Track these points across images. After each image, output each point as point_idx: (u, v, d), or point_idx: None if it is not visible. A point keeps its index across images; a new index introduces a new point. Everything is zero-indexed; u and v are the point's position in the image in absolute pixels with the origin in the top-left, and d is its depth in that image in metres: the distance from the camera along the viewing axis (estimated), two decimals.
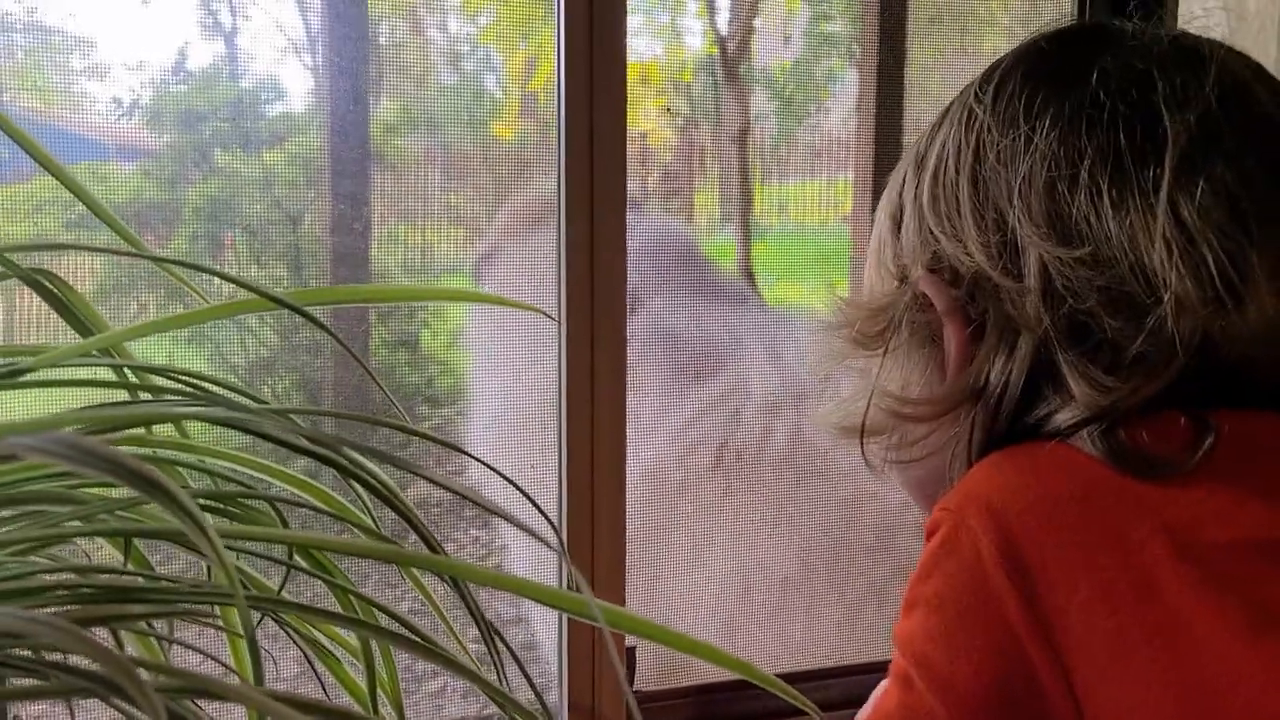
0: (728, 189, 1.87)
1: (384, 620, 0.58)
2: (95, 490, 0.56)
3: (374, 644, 0.67)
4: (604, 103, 0.78)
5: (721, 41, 1.78)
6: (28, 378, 0.53)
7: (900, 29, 1.64)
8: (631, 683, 0.90)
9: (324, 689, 0.65)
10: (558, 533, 0.71)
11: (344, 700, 0.65)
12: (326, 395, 1.52)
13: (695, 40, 1.94)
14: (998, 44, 1.82)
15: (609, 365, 0.81)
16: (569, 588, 0.88)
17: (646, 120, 1.82)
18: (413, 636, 0.51)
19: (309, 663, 0.64)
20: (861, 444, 0.77)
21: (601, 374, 0.81)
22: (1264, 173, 0.64)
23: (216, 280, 1.68)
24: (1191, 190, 0.63)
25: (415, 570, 0.72)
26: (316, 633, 0.65)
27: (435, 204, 1.88)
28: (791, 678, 1.07)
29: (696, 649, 0.51)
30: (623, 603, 0.90)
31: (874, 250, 0.79)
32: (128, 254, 0.69)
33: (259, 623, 0.58)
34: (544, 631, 1.03)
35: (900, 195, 0.76)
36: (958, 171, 0.71)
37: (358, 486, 0.55)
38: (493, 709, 1.00)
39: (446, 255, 1.86)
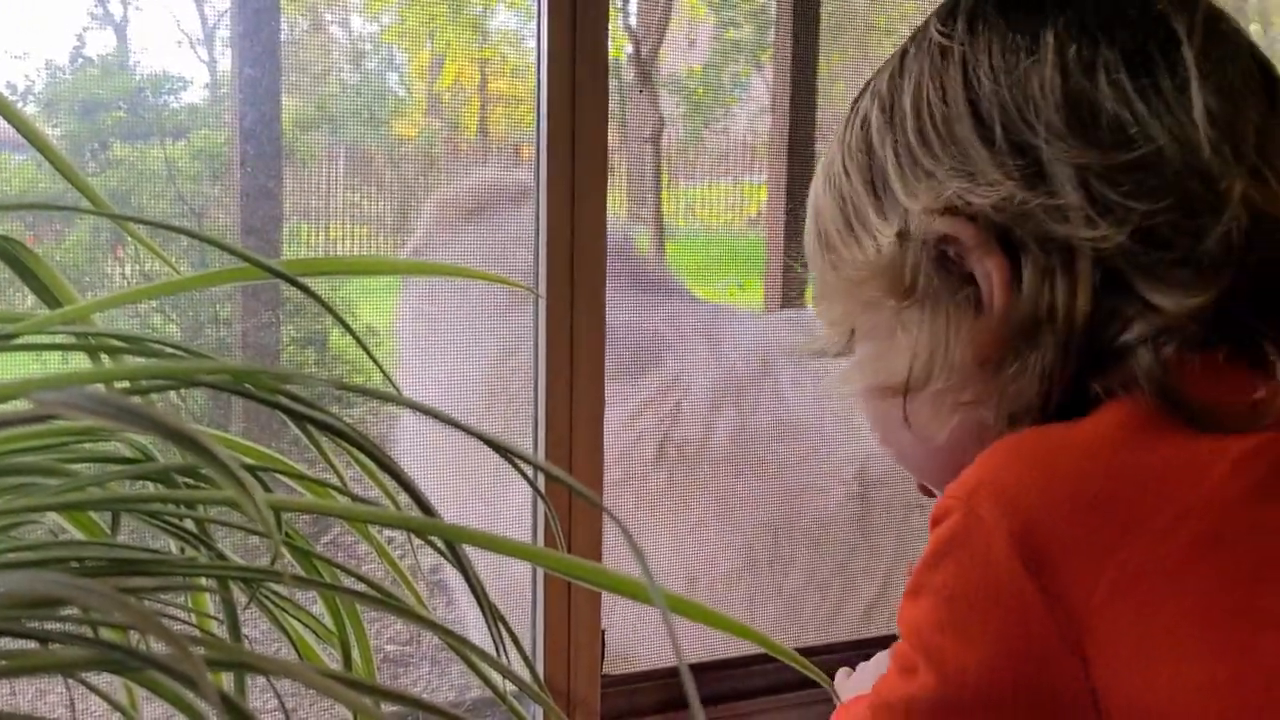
0: (637, 190, 1.88)
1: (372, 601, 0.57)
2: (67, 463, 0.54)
3: (350, 630, 0.66)
4: (586, 74, 0.78)
5: (635, 43, 1.79)
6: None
7: (812, 35, 1.68)
8: (601, 665, 0.90)
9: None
10: (549, 508, 0.71)
11: None
12: (237, 403, 1.48)
13: None
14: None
15: (587, 341, 0.80)
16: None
17: None
18: (437, 621, 0.50)
19: (293, 643, 0.62)
20: (905, 402, 0.70)
21: (580, 350, 0.80)
22: (1250, 75, 0.65)
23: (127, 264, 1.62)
24: (1216, 81, 0.62)
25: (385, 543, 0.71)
26: (291, 619, 0.64)
27: (340, 202, 1.84)
28: (728, 663, 1.08)
29: (747, 634, 0.52)
30: (600, 592, 0.90)
31: (841, 221, 0.74)
32: (98, 213, 0.67)
33: (249, 604, 0.57)
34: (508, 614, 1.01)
35: (870, 154, 0.71)
36: (948, 105, 0.67)
37: (354, 452, 0.54)
38: (468, 695, 0.99)
39: (355, 253, 1.83)
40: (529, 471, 0.59)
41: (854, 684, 0.89)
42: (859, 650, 1.05)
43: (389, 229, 1.91)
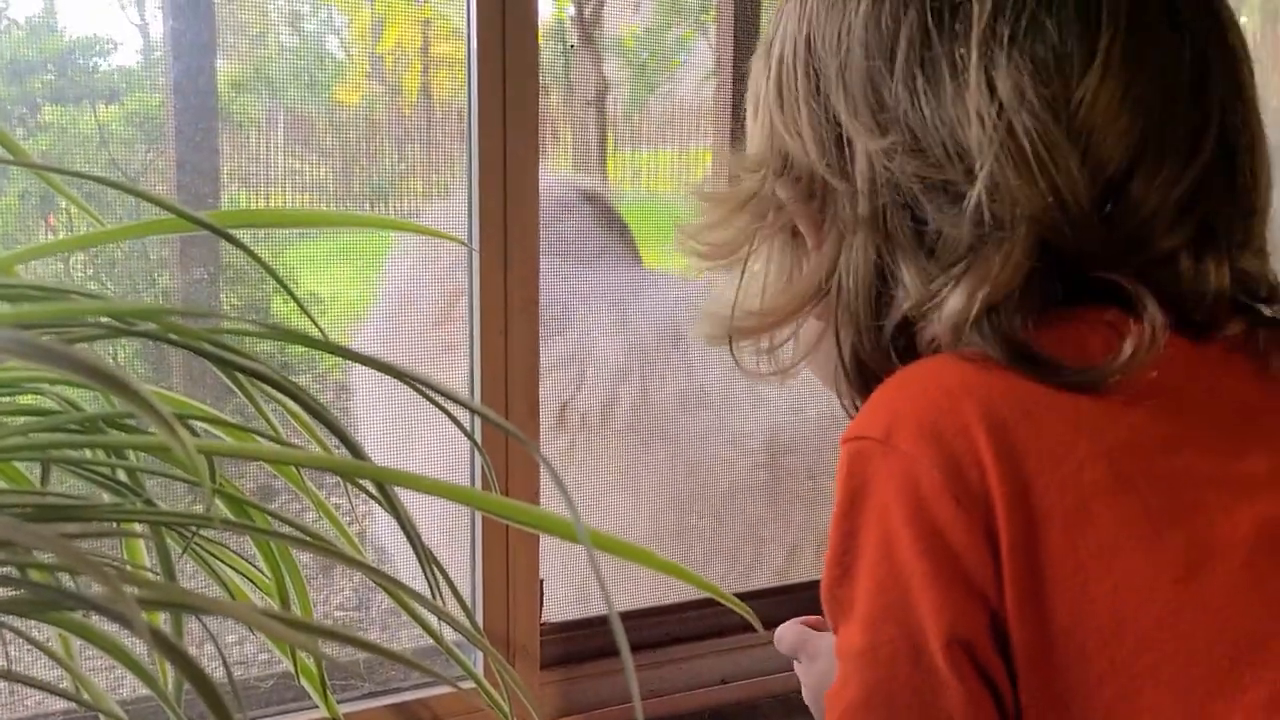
0: (581, 155, 1.87)
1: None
2: None
3: (288, 581, 0.66)
4: (516, 30, 0.77)
5: (578, 4, 1.78)
6: None
7: None
8: (540, 613, 0.91)
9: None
10: (485, 459, 0.71)
11: None
12: (174, 361, 1.46)
13: (545, 5, 1.93)
14: None
15: (521, 294, 0.80)
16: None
17: None
18: (368, 562, 0.50)
19: (229, 594, 0.61)
20: (731, 350, 0.74)
21: (514, 301, 0.80)
22: (1068, 30, 0.60)
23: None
24: (1001, 62, 0.59)
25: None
26: (227, 568, 0.63)
27: (280, 169, 1.81)
28: (663, 610, 1.09)
29: (669, 569, 0.52)
30: (538, 540, 0.90)
31: (750, 140, 0.74)
32: (15, 163, 0.65)
33: (184, 551, 0.56)
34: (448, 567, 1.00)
35: (755, 88, 0.72)
36: (794, 63, 0.67)
37: (285, 400, 0.53)
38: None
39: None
40: (465, 421, 0.59)
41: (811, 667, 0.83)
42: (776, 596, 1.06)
43: (331, 196, 1.89)
